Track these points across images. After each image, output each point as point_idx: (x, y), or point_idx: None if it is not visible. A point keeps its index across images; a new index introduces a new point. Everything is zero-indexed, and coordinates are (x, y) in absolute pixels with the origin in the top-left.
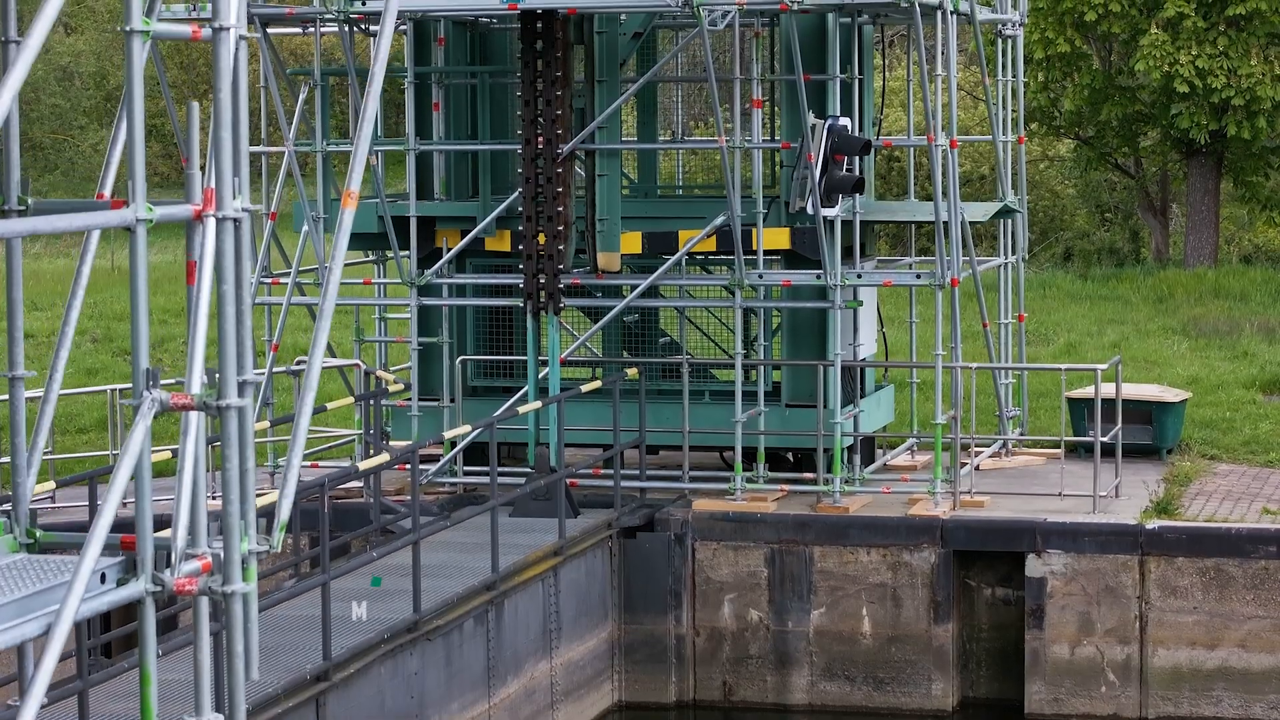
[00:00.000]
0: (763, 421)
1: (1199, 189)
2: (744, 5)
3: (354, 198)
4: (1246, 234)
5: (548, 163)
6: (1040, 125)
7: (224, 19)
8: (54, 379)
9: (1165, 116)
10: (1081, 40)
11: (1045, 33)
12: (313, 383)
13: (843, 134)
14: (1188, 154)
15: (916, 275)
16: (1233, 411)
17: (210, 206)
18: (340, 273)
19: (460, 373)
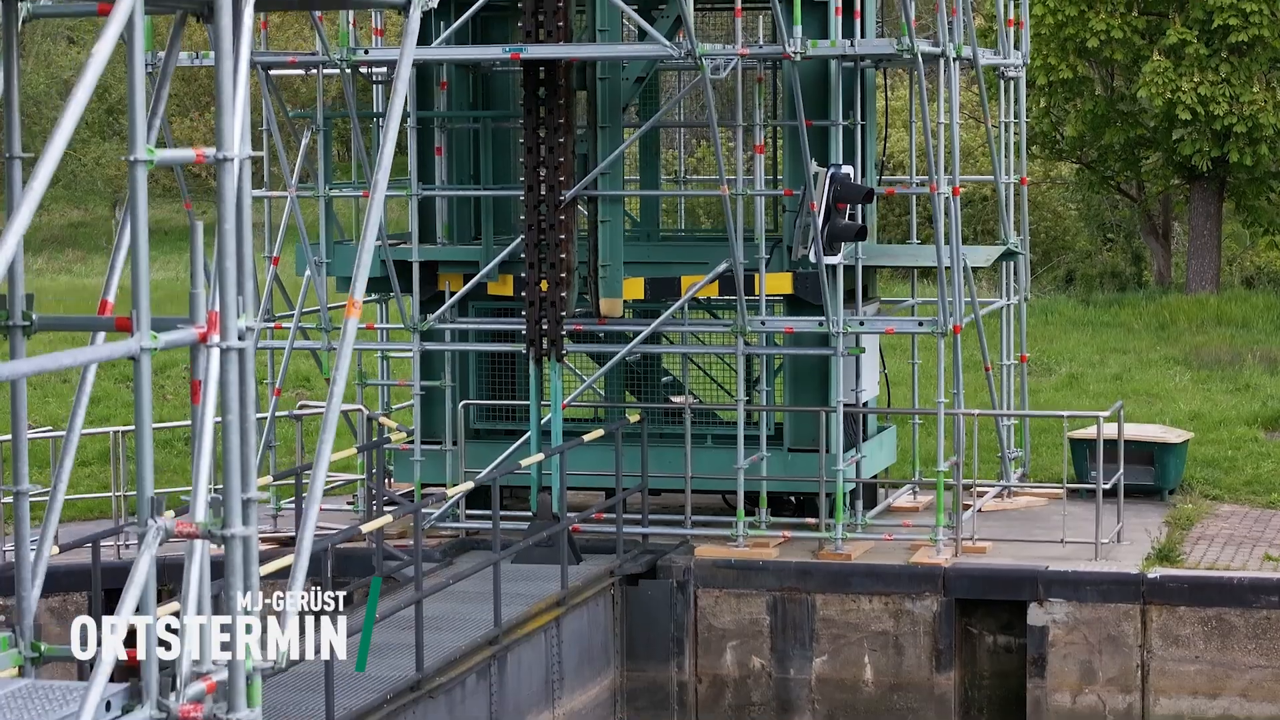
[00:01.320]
0: (765, 467)
1: (1201, 213)
2: (746, 55)
3: (358, 307)
4: (1249, 254)
5: (550, 209)
6: (1042, 149)
7: (227, 150)
8: (58, 490)
9: (1167, 141)
10: (1084, 66)
11: (1047, 59)
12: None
13: (845, 182)
14: (1190, 178)
15: (919, 323)
16: (1234, 450)
17: (214, 330)
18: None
19: (463, 416)
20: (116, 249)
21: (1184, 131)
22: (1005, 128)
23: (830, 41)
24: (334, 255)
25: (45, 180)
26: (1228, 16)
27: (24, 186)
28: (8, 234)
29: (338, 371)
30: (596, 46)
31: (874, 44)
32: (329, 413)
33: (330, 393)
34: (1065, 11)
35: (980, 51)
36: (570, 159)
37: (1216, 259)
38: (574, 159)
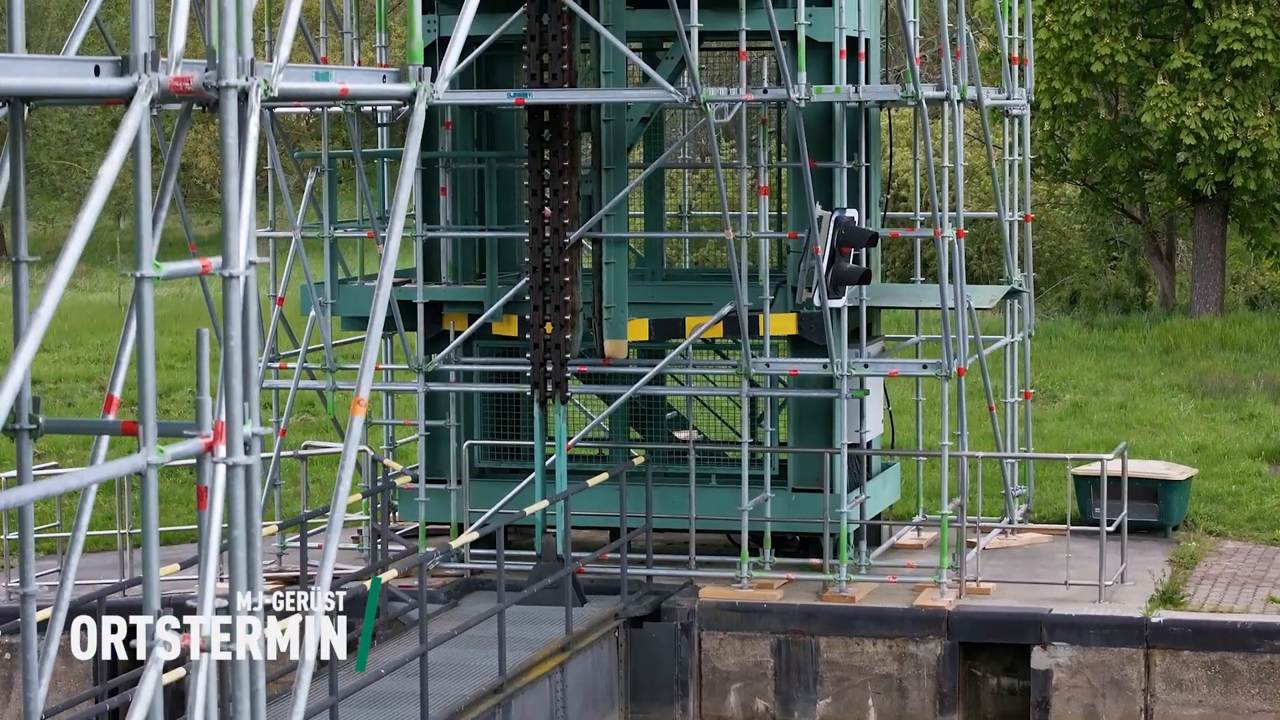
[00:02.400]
0: (769, 507)
1: (1205, 235)
2: (751, 100)
3: (363, 405)
4: (1254, 273)
5: (555, 252)
6: (1047, 171)
7: (233, 268)
8: (63, 594)
9: (1172, 164)
10: (1088, 90)
11: (1052, 83)
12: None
13: (850, 226)
14: (1194, 200)
15: (923, 365)
16: (1238, 484)
17: (220, 440)
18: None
19: (467, 455)
20: (122, 345)
21: (1188, 155)
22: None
23: (835, 88)
24: (339, 295)
25: (53, 304)
26: (1232, 41)
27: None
28: (16, 360)
29: (343, 471)
30: (601, 92)
31: (878, 90)
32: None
33: (336, 492)
34: (1070, 36)
35: (985, 91)
36: (575, 201)
37: (1220, 281)
38: (578, 200)
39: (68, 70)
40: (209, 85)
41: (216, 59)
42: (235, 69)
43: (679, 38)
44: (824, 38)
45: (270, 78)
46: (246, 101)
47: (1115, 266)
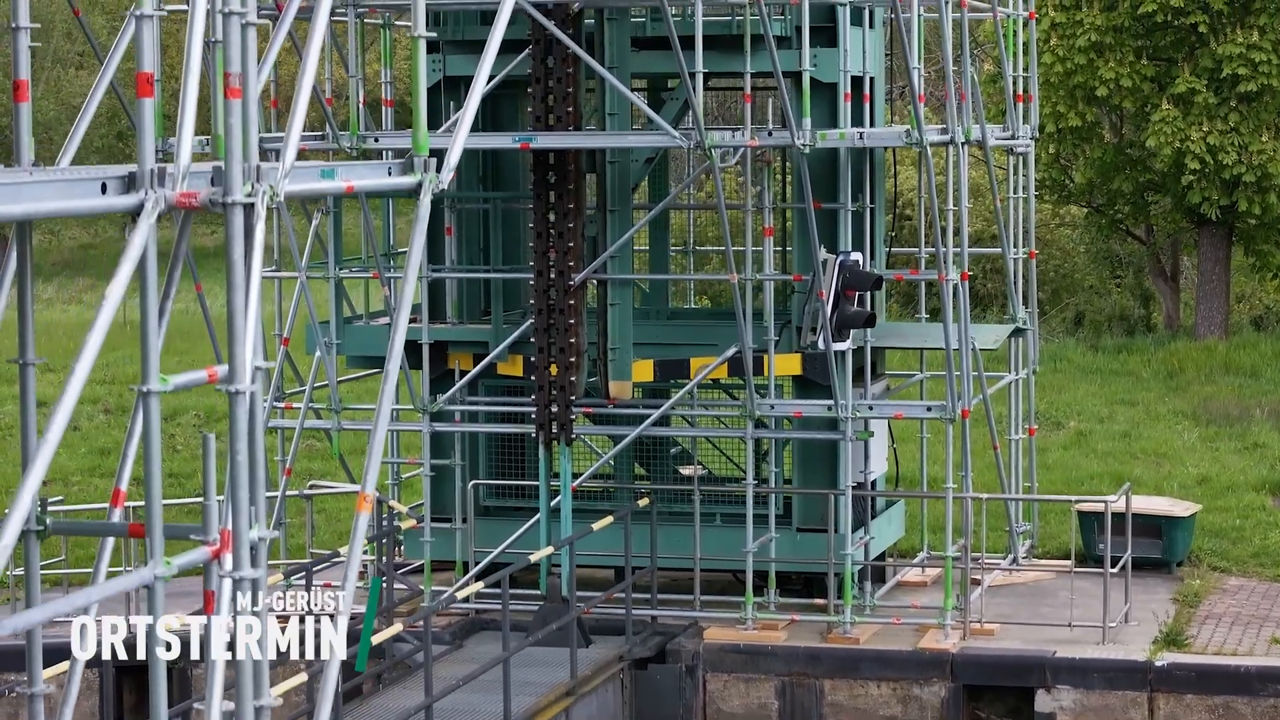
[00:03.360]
0: (774, 547)
1: (1210, 258)
2: (755, 146)
3: (369, 501)
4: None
5: (560, 294)
6: (1051, 194)
7: (239, 383)
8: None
9: (1176, 187)
10: (1093, 114)
11: (1056, 106)
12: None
13: (854, 270)
14: (1198, 223)
15: (928, 408)
16: (1242, 519)
17: (227, 549)
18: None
19: (472, 494)
20: (129, 439)
21: (1192, 178)
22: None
23: (839, 134)
24: (345, 335)
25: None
26: (1237, 66)
27: None
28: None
29: (349, 565)
30: (605, 137)
31: (883, 136)
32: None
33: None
34: (1074, 60)
35: (990, 129)
36: (580, 242)
37: (1225, 304)
38: (583, 242)
39: (75, 190)
40: (215, 201)
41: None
42: (241, 187)
43: (683, 81)
44: (828, 78)
45: (276, 183)
46: (253, 208)
47: (1120, 285)
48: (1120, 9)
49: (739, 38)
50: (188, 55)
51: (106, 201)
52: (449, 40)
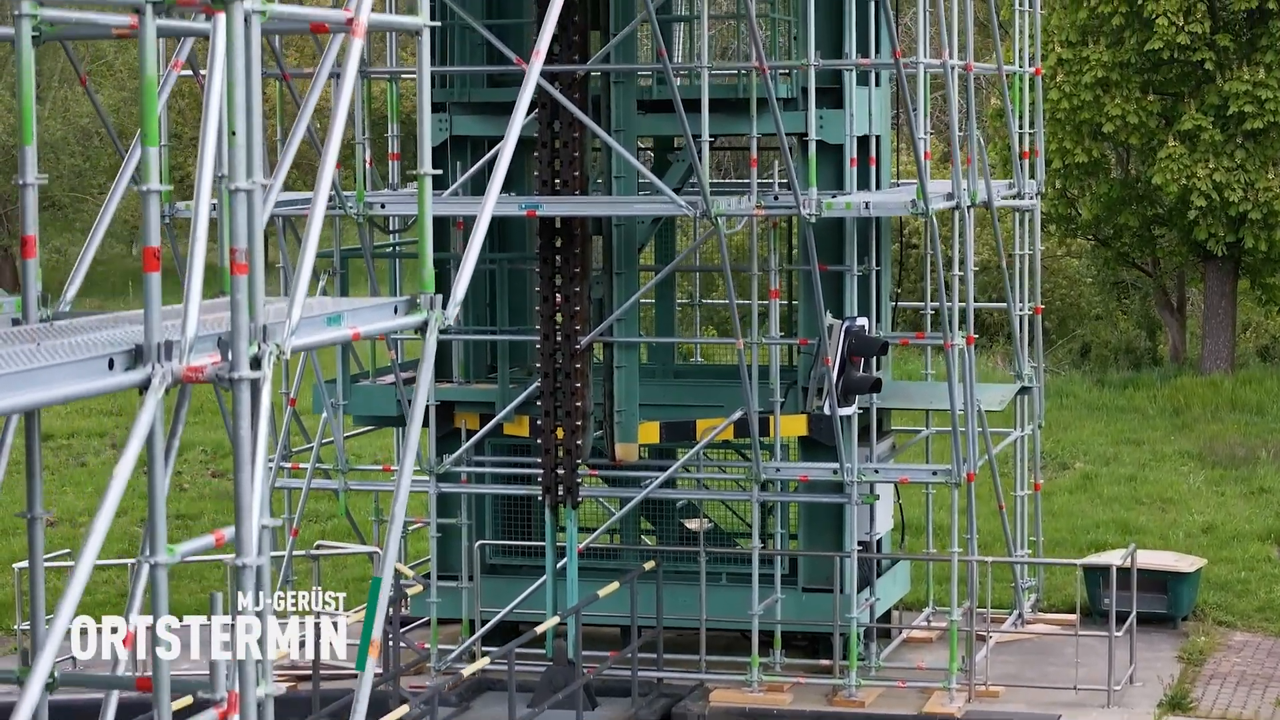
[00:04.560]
0: (780, 608)
1: (1216, 292)
2: (761, 214)
3: (377, 646)
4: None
5: (566, 357)
6: (1058, 228)
7: (246, 557)
8: None
9: (1182, 222)
10: (1099, 149)
11: (1063, 142)
12: None
13: (860, 335)
14: (1204, 257)
15: (933, 472)
16: (1248, 571)
17: (234, 710)
18: None
19: (479, 555)
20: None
21: (1198, 213)
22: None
23: (845, 203)
24: (351, 394)
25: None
26: (1243, 103)
27: None
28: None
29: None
30: (611, 204)
31: (888, 205)
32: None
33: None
34: (1081, 96)
35: (995, 187)
36: (586, 305)
37: (1231, 337)
38: (590, 303)
39: (82, 371)
40: (221, 376)
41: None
42: (248, 362)
43: (688, 148)
44: (835, 139)
45: (284, 341)
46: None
47: (1127, 312)
48: (1126, 45)
49: (745, 100)
50: (195, 220)
51: (115, 380)
52: (455, 101)
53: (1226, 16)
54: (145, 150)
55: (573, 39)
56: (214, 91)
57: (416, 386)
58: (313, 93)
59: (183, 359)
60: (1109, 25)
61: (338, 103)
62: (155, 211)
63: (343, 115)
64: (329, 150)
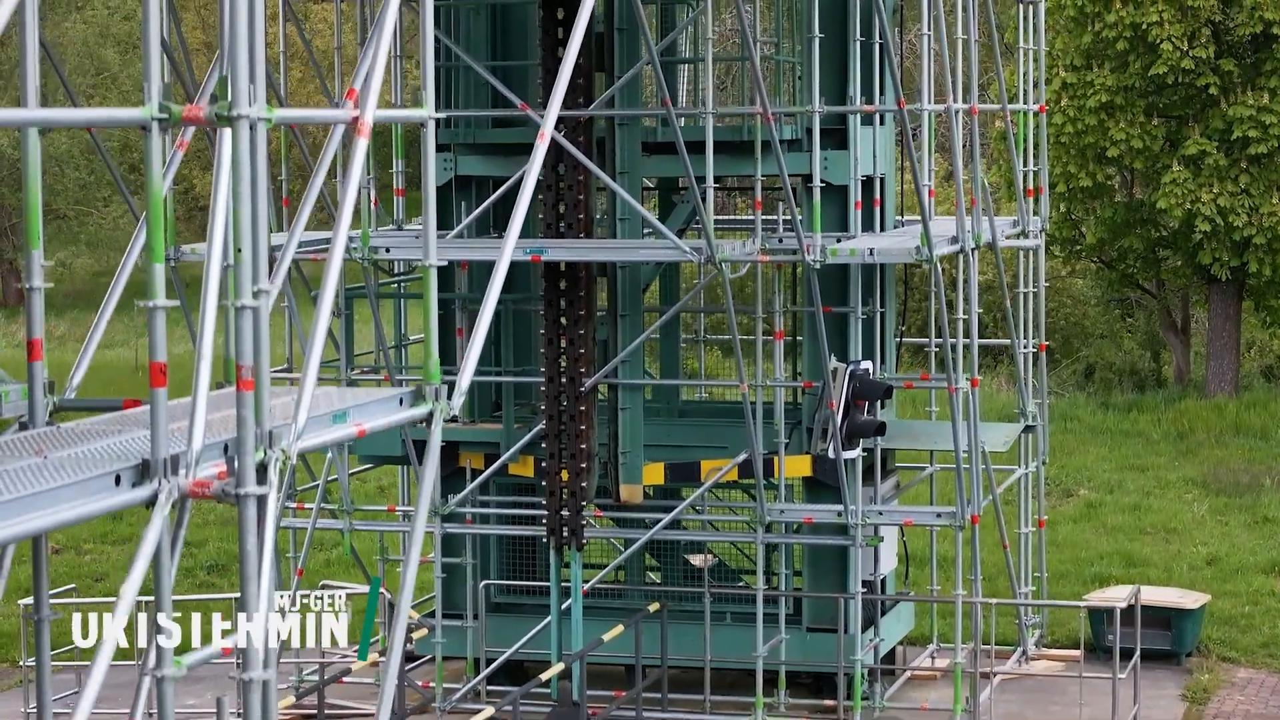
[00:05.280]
0: (784, 648)
1: (1220, 314)
2: (765, 260)
3: None
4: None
5: (571, 399)
6: (1062, 249)
7: (253, 670)
8: None
9: (1187, 245)
10: (1103, 174)
11: (1067, 166)
12: None
13: (864, 379)
14: (1208, 280)
15: (937, 515)
16: (1252, 605)
17: None
18: None
19: (484, 595)
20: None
21: (1203, 237)
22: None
23: (850, 250)
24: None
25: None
26: (1247, 128)
27: None
28: None
29: None
30: (615, 250)
31: (893, 251)
32: None
33: None
34: (1085, 120)
35: (1000, 225)
36: (591, 347)
37: (1235, 360)
38: (595, 345)
39: (89, 490)
40: (227, 492)
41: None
42: (255, 476)
43: (692, 193)
44: (839, 180)
45: (289, 446)
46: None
47: (1132, 329)
48: (1131, 70)
49: (749, 143)
50: (200, 335)
51: (122, 498)
52: (460, 142)
53: (1231, 41)
54: (151, 266)
55: (577, 81)
56: (220, 204)
57: (424, 478)
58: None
59: (189, 473)
60: (1113, 49)
61: (344, 203)
62: (161, 326)
63: (348, 217)
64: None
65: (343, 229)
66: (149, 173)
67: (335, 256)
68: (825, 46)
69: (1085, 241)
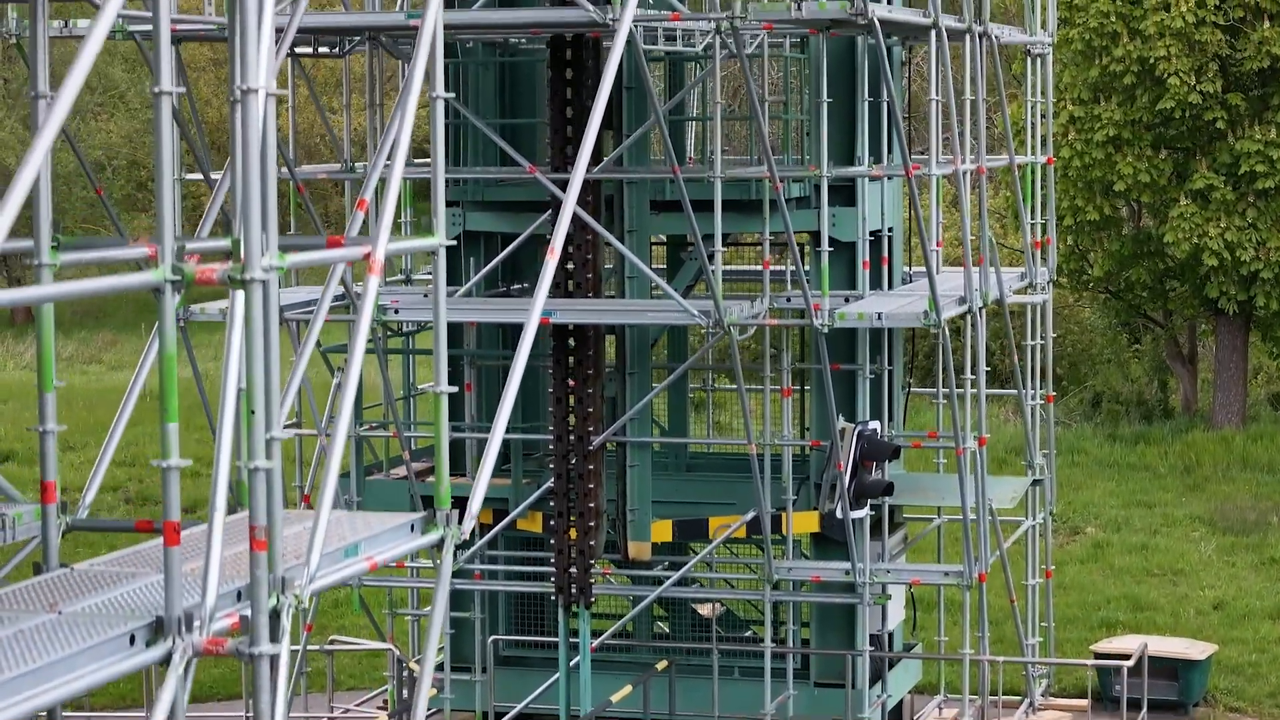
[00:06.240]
0: (792, 705)
1: (1227, 346)
2: (774, 325)
3: None
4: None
5: (579, 459)
6: (1070, 281)
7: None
8: None
9: (1194, 278)
10: (1110, 207)
11: (1075, 200)
12: None
13: (872, 439)
14: (1215, 311)
15: (944, 574)
16: (1259, 653)
17: None
18: None
19: (492, 649)
20: None
21: (1209, 270)
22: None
23: (858, 314)
24: (365, 491)
25: None
26: (1255, 163)
27: None
28: None
29: None
30: (623, 312)
31: (901, 315)
32: None
33: None
34: (1092, 154)
35: (1008, 278)
36: (599, 405)
37: (1242, 392)
38: (603, 402)
39: (103, 652)
40: (241, 651)
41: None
42: (269, 632)
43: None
44: (847, 237)
45: (302, 589)
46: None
47: (1139, 354)
48: (1138, 104)
49: (758, 201)
50: (213, 499)
51: (136, 660)
52: (469, 199)
53: (1238, 75)
54: (165, 426)
55: None
56: (233, 361)
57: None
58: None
59: (204, 629)
60: (1121, 84)
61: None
62: (175, 487)
63: (358, 362)
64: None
65: (356, 363)
66: (162, 336)
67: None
68: (833, 103)
69: (1092, 273)
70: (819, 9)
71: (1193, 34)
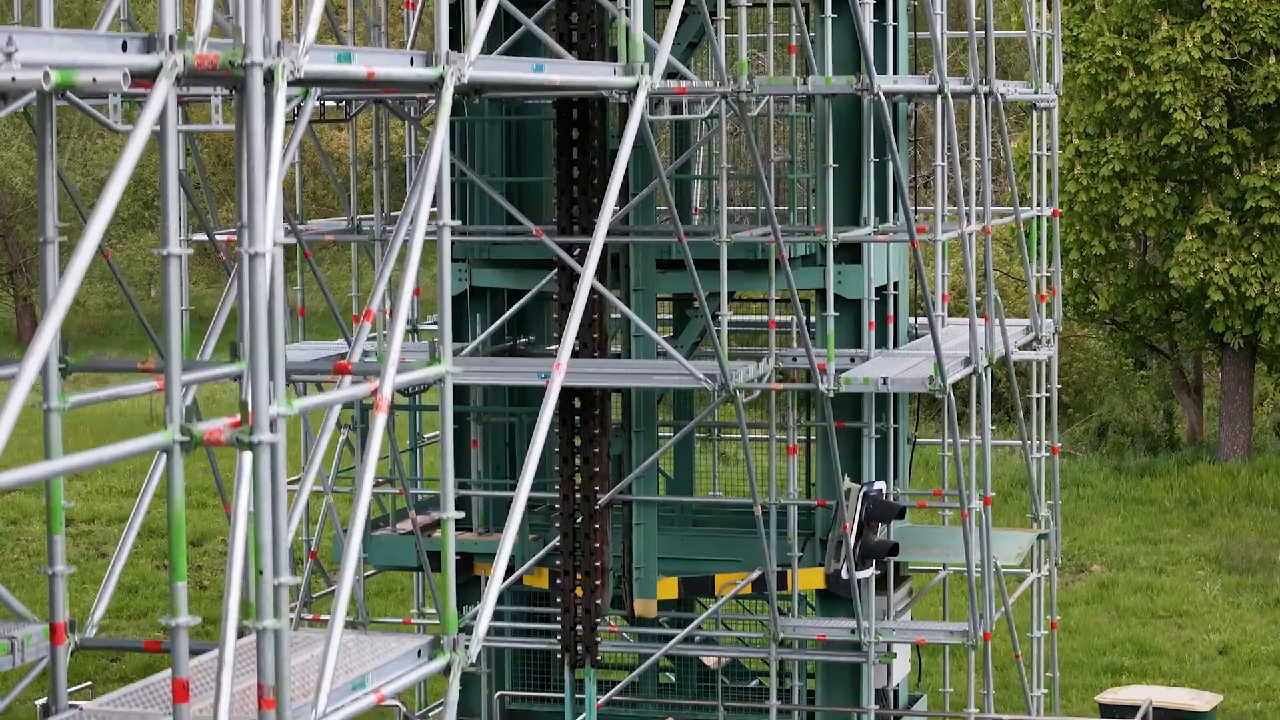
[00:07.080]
0: None
1: (1232, 378)
2: (780, 389)
3: None
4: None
5: (586, 518)
6: (1075, 313)
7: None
8: None
9: (1199, 311)
10: (1115, 242)
11: (1080, 234)
12: None
13: (878, 500)
14: (1221, 344)
15: (949, 632)
16: (1264, 701)
17: None
18: None
19: (499, 704)
20: None
21: (1215, 302)
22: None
23: (864, 379)
24: (371, 545)
25: None
26: (1260, 198)
27: None
28: None
29: None
30: (629, 374)
31: (907, 380)
32: None
33: None
34: (1098, 189)
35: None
36: (605, 464)
37: (1248, 424)
38: (609, 461)
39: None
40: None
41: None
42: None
43: (703, 310)
44: (853, 294)
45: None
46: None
47: (1145, 381)
48: (1144, 138)
49: (763, 260)
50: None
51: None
52: (476, 257)
53: (1244, 109)
54: (173, 585)
55: (592, 201)
56: (240, 524)
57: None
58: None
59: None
60: (1127, 118)
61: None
62: (184, 645)
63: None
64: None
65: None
66: (170, 497)
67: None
68: (839, 160)
69: (1098, 306)
70: (825, 84)
71: (1199, 69)
